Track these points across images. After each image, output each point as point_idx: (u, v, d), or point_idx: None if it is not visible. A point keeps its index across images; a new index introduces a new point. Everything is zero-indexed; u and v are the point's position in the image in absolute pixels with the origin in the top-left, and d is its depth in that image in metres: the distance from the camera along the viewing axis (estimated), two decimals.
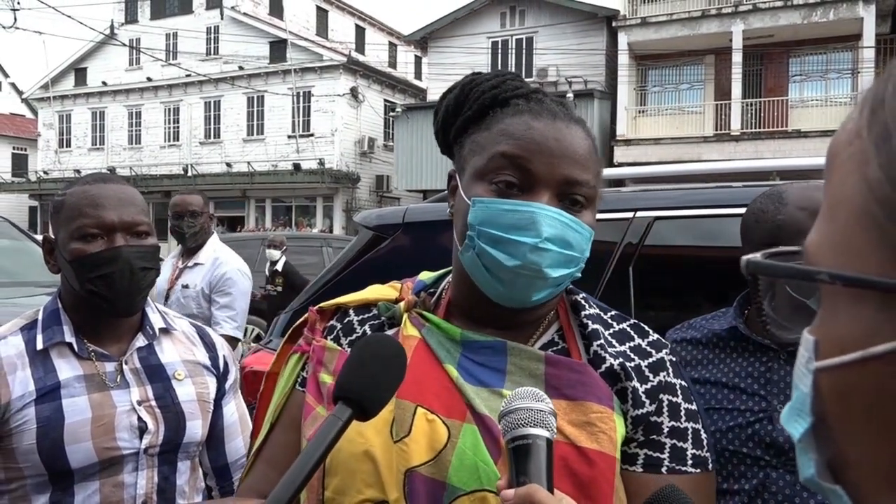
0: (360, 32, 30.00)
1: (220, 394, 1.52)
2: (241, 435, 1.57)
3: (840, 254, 0.36)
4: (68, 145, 29.23)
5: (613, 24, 19.37)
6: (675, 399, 0.93)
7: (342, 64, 23.97)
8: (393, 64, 30.15)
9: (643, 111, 19.82)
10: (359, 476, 0.86)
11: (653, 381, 0.92)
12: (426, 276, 1.08)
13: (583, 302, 0.99)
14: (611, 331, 0.97)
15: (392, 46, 30.64)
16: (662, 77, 20.06)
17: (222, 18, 25.72)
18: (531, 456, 0.72)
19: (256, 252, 9.87)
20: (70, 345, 1.36)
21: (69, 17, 16.02)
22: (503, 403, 0.77)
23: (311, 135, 24.32)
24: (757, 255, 0.43)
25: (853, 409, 0.35)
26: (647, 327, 1.00)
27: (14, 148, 33.80)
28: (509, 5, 21.02)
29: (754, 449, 1.33)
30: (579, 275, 0.92)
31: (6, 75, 36.46)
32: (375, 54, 29.02)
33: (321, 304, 1.07)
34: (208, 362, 1.51)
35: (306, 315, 1.07)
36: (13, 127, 34.14)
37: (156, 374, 1.42)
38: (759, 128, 18.15)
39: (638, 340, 0.97)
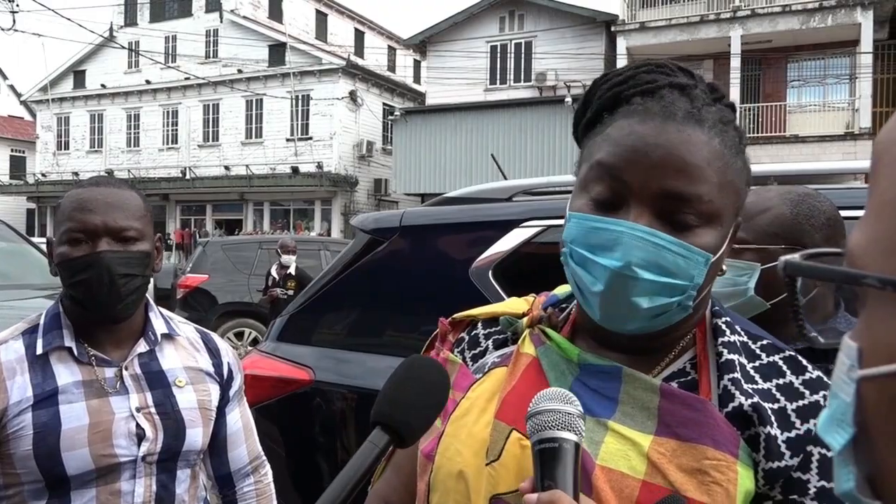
0: (359, 36, 30.06)
1: (224, 401, 1.49)
2: (245, 443, 1.54)
3: (890, 256, 0.34)
4: (66, 148, 29.22)
5: (612, 28, 19.41)
6: (829, 454, 0.77)
7: (341, 67, 24.00)
8: (392, 68, 30.20)
9: None
10: (452, 496, 0.82)
11: (799, 430, 0.76)
12: (562, 290, 0.98)
13: (723, 326, 0.84)
14: (756, 363, 0.82)
15: (391, 50, 30.68)
16: None
17: (221, 21, 25.75)
18: (558, 460, 0.70)
19: (254, 255, 9.88)
20: (70, 350, 1.35)
21: (68, 19, 16.03)
22: (531, 403, 0.73)
23: (310, 138, 24.34)
24: (796, 257, 0.40)
25: None
26: (806, 362, 0.82)
27: (12, 150, 33.77)
28: (508, 10, 21.06)
29: None
30: (690, 304, 0.79)
31: (5, 77, 36.43)
32: (374, 58, 29.06)
33: (454, 316, 1.01)
34: (211, 369, 1.49)
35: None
36: (11, 129, 34.11)
37: (156, 381, 1.40)
38: (758, 133, 18.18)
39: (790, 377, 0.80)
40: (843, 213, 1.97)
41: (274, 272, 8.10)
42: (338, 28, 29.21)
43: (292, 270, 7.99)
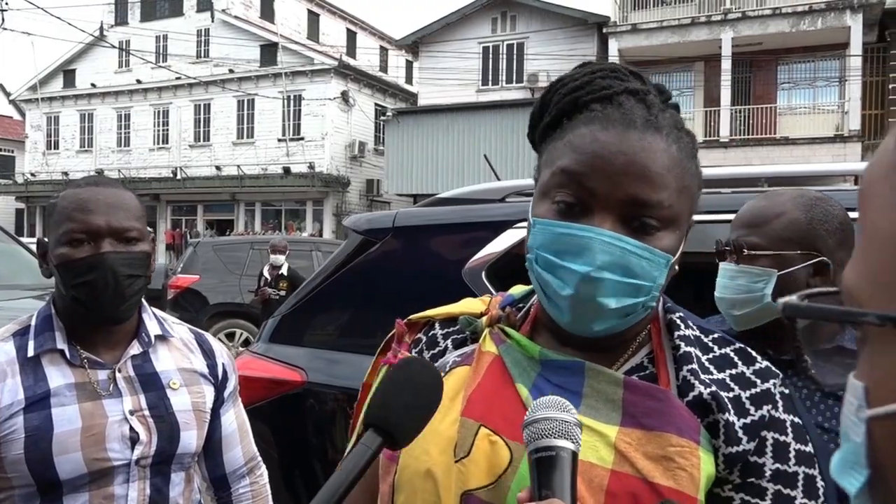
0: (351, 36, 30.01)
1: (219, 402, 1.48)
2: (239, 444, 1.53)
3: (886, 292, 0.33)
4: (56, 147, 29.02)
5: (604, 30, 19.47)
6: (783, 438, 0.81)
7: (333, 68, 23.95)
8: (384, 68, 30.16)
9: None
10: (420, 495, 0.83)
11: (753, 416, 0.81)
12: (518, 289, 1.02)
13: (678, 321, 0.89)
14: (710, 355, 0.87)
15: (383, 51, 30.65)
16: None
17: (213, 21, 25.65)
18: (555, 469, 0.69)
19: (246, 256, 9.84)
20: (62, 352, 1.33)
21: (58, 18, 15.92)
22: (527, 412, 0.74)
23: (302, 138, 24.28)
24: (794, 298, 0.40)
25: None
26: (755, 353, 0.88)
27: (1, 150, 33.51)
28: (501, 11, 21.09)
29: None
30: (653, 304, 0.83)
31: None
32: (366, 58, 29.02)
33: (411, 317, 1.03)
34: (206, 370, 1.47)
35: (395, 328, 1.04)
36: (0, 128, 33.87)
37: (150, 383, 1.38)
38: (748, 135, 18.27)
39: (742, 368, 0.85)
40: None
41: (266, 273, 8.09)
42: (330, 28, 29.16)
43: (284, 271, 7.97)
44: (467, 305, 1.01)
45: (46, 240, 1.36)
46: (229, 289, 9.49)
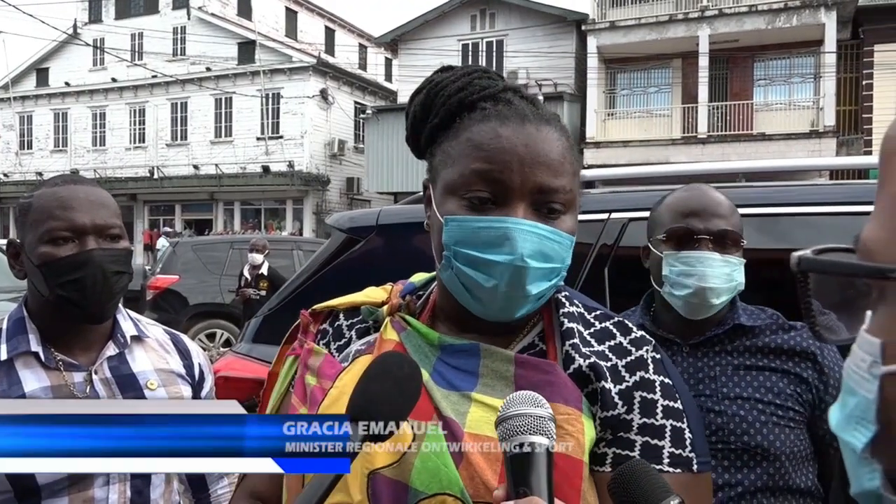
0: (329, 34, 29.85)
1: None
2: None
3: None
4: (29, 147, 28.55)
5: (583, 27, 19.54)
6: (650, 396, 0.88)
7: (312, 65, 23.81)
8: (363, 66, 30.05)
9: (612, 114, 20.02)
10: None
11: (628, 382, 0.88)
12: (417, 278, 1.06)
13: (563, 300, 0.95)
14: (591, 329, 0.93)
15: (362, 48, 30.53)
16: (631, 80, 20.29)
17: (189, 19, 25.38)
18: (531, 465, 0.68)
19: (225, 255, 9.75)
20: (36, 354, 1.30)
21: (30, 15, 15.66)
22: (501, 408, 0.75)
23: (281, 137, 24.11)
24: (808, 252, 0.40)
25: None
26: (631, 324, 0.95)
27: None
28: (480, 8, 21.09)
29: None
30: (561, 283, 0.89)
31: None
32: (345, 56, 28.89)
33: (315, 307, 1.05)
34: (183, 370, 1.46)
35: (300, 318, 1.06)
36: None
37: (127, 384, 1.36)
38: (725, 131, 18.45)
39: (619, 339, 0.92)
40: (812, 209, 2.00)
41: (246, 272, 8.02)
42: (308, 26, 28.96)
43: (264, 271, 7.91)
44: (369, 294, 1.04)
45: (19, 241, 1.33)
46: (209, 289, 9.40)
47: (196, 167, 25.08)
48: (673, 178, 2.74)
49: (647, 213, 2.16)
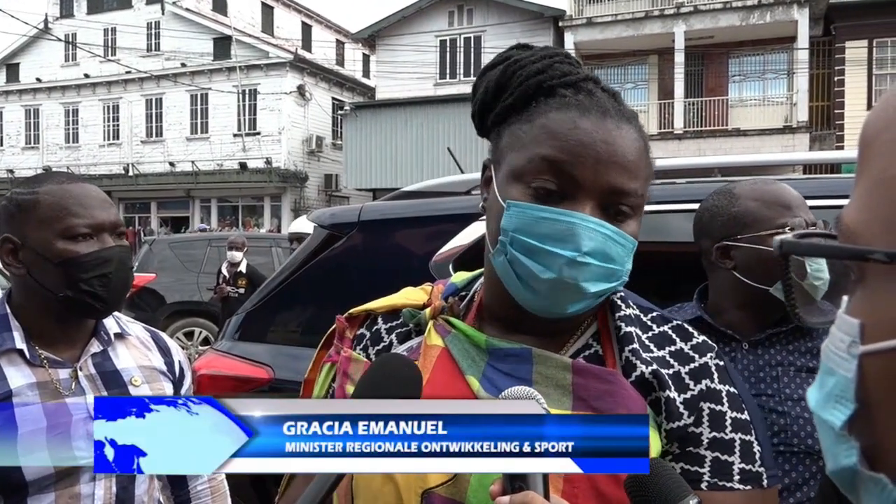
0: (306, 30, 29.63)
1: None
2: None
3: (894, 231, 0.34)
4: (0, 144, 28.03)
5: (560, 23, 19.63)
6: (719, 407, 0.83)
7: (289, 61, 23.63)
8: (341, 62, 29.89)
9: None
10: (381, 499, 0.82)
11: (693, 390, 0.83)
12: (459, 277, 1.00)
13: (619, 302, 0.90)
14: (649, 334, 0.89)
15: (339, 44, 30.36)
16: (608, 76, 20.40)
17: (163, 14, 25.05)
18: None
19: (203, 252, 9.66)
20: (21, 351, 1.30)
21: (0, 10, 15.35)
22: None
23: (258, 133, 23.92)
24: (789, 235, 0.41)
25: None
26: (691, 329, 0.90)
27: None
28: (457, 4, 21.08)
29: None
30: (621, 289, 0.85)
31: None
32: (323, 52, 28.72)
33: (350, 311, 1.01)
34: (164, 367, 1.47)
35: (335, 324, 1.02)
36: None
37: (112, 381, 1.37)
38: (701, 126, 18.65)
39: (680, 344, 0.88)
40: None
41: (224, 270, 7.96)
42: (284, 21, 28.72)
43: (243, 268, 7.85)
44: (408, 296, 0.99)
45: (16, 237, 1.30)
46: (187, 287, 9.31)
47: (172, 164, 24.79)
48: None
49: None
